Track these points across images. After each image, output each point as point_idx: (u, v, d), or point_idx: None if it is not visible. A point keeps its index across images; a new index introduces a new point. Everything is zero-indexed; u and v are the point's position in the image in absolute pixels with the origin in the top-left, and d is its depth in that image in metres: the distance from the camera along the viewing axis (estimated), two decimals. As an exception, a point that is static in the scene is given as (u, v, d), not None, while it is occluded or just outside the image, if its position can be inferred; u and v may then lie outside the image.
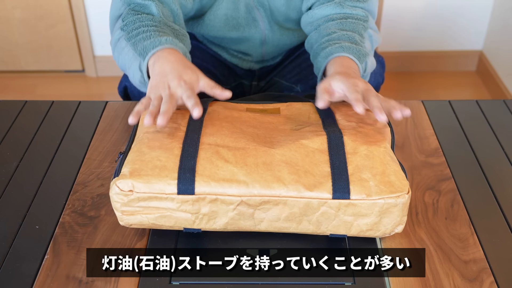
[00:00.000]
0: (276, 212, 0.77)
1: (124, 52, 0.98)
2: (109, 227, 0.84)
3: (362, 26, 1.05)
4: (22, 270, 0.77)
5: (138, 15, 1.01)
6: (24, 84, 2.46)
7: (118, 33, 1.02)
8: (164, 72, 0.87)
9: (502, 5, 2.27)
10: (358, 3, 1.06)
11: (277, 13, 1.15)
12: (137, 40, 0.96)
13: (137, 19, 1.00)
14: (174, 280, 0.75)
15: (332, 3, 1.07)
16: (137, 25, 0.99)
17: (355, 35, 1.02)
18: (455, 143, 1.03)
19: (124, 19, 1.02)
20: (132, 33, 0.98)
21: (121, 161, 0.80)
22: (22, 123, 1.09)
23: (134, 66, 0.95)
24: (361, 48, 0.99)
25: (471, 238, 0.82)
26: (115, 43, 1.03)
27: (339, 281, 0.75)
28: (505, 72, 2.25)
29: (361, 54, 0.98)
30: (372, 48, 1.08)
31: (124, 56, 0.99)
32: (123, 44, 0.99)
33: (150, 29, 0.97)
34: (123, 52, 0.99)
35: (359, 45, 1.00)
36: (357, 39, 1.01)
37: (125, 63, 0.99)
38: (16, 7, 2.33)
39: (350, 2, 1.06)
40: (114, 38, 1.04)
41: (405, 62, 2.50)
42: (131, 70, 0.97)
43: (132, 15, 1.01)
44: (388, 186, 0.76)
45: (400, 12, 2.36)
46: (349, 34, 1.02)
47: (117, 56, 1.02)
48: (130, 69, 0.97)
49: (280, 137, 0.83)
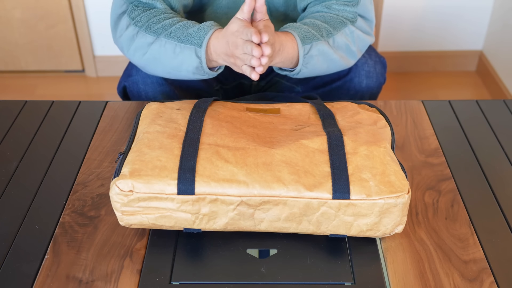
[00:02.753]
0: (276, 212, 0.77)
1: (155, 46, 1.02)
2: (109, 227, 0.84)
3: (341, 21, 1.07)
4: (22, 270, 0.77)
5: (148, 10, 1.04)
6: (24, 84, 2.46)
7: (131, 29, 1.03)
8: (226, 52, 0.95)
9: (502, 5, 2.27)
10: (346, 7, 1.08)
11: (276, 12, 1.16)
12: (173, 32, 1.01)
13: (149, 14, 1.04)
14: (174, 280, 0.75)
15: (321, 5, 1.10)
16: (155, 20, 1.03)
17: (321, 23, 1.05)
18: (455, 143, 1.03)
19: (133, 16, 1.04)
20: (155, 27, 1.03)
21: (121, 161, 0.80)
22: (22, 123, 1.09)
23: (186, 54, 1.00)
24: (313, 31, 1.03)
25: (471, 238, 0.82)
26: (130, 41, 1.05)
27: (339, 281, 0.75)
28: (505, 72, 2.25)
29: (308, 37, 1.01)
30: (354, 44, 1.09)
31: (155, 49, 1.03)
32: (147, 39, 1.03)
33: (174, 20, 1.03)
34: (152, 46, 1.03)
35: (316, 30, 1.03)
36: (319, 25, 1.04)
37: (159, 57, 1.03)
38: (16, 7, 2.33)
39: (338, 6, 1.08)
40: (126, 36, 1.06)
41: (405, 62, 2.50)
42: (178, 59, 1.01)
43: (140, 11, 1.05)
44: (388, 186, 0.76)
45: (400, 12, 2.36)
46: (316, 22, 1.05)
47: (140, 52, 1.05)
48: (176, 59, 1.01)
49: (280, 137, 0.83)
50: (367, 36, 1.11)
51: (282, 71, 1.06)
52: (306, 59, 1.02)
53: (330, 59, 1.06)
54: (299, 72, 1.04)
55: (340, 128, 0.85)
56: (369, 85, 1.19)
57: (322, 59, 1.04)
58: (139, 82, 1.16)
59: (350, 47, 1.08)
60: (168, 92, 1.16)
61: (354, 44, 1.09)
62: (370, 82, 1.18)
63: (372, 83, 1.19)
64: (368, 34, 1.12)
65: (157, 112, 0.89)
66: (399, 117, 1.09)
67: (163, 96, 1.16)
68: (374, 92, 1.21)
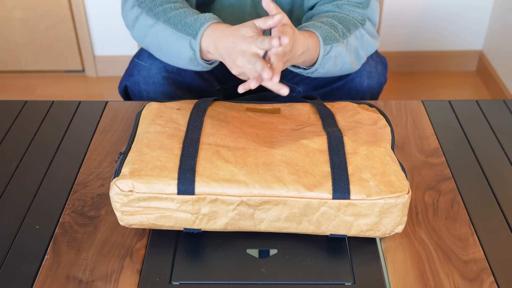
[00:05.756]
0: (276, 212, 0.77)
1: (154, 30, 1.01)
2: (109, 227, 0.84)
3: (354, 23, 1.06)
4: (22, 270, 0.77)
5: None
6: (24, 84, 2.46)
7: (135, 10, 1.03)
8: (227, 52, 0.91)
9: (502, 5, 2.27)
10: (357, 9, 1.07)
11: (282, 9, 1.16)
12: (171, 18, 0.99)
13: None
14: (174, 280, 0.75)
15: (331, 4, 1.08)
16: (158, 2, 1.02)
17: (338, 24, 1.03)
18: (455, 143, 1.03)
19: None
20: (156, 10, 1.01)
21: (121, 161, 0.80)
22: (22, 123, 1.09)
23: (181, 44, 0.98)
24: (334, 32, 1.01)
25: (471, 238, 0.82)
26: (134, 21, 1.05)
27: (339, 281, 0.75)
28: (505, 72, 2.25)
29: (329, 37, 1.00)
30: (363, 48, 1.08)
31: (154, 34, 1.02)
32: (148, 21, 1.02)
33: (177, 5, 1.01)
34: (151, 30, 1.02)
35: (335, 30, 1.02)
36: (336, 25, 1.03)
37: (157, 42, 1.02)
38: (16, 7, 2.33)
39: (349, 7, 1.07)
40: (131, 16, 1.05)
41: (405, 62, 2.50)
42: (174, 48, 1.00)
43: None
44: (388, 186, 0.76)
45: (400, 12, 2.36)
46: (333, 22, 1.03)
47: (141, 34, 1.04)
48: (171, 48, 1.00)
49: (280, 137, 0.83)
50: (375, 40, 1.11)
51: (296, 69, 1.05)
52: (325, 59, 1.01)
53: (344, 62, 1.05)
54: (314, 72, 1.03)
55: (340, 128, 0.85)
56: (370, 85, 1.19)
57: (338, 61, 1.04)
58: (141, 82, 1.16)
59: (359, 52, 1.07)
60: (170, 92, 1.16)
61: (363, 49, 1.08)
62: (371, 82, 1.18)
63: (374, 83, 1.19)
64: (375, 38, 1.11)
65: (157, 112, 0.89)
66: (399, 117, 1.09)
67: (164, 96, 1.16)
68: (375, 92, 1.21)
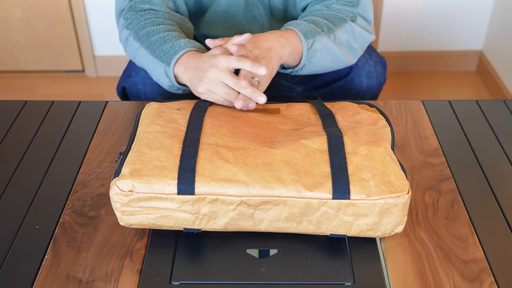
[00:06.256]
0: (276, 212, 0.77)
1: (140, 53, 1.04)
2: (109, 227, 0.84)
3: (341, 17, 1.07)
4: (22, 270, 0.77)
5: (140, 12, 1.04)
6: (24, 84, 2.46)
7: (125, 32, 1.05)
8: (195, 71, 0.93)
9: (502, 5, 2.27)
10: (346, 7, 1.08)
11: (276, 11, 1.16)
12: (152, 44, 1.01)
13: (140, 16, 1.03)
14: (174, 280, 0.75)
15: (320, 4, 1.10)
16: (143, 24, 1.03)
17: (322, 20, 1.05)
18: (455, 143, 1.03)
19: (127, 18, 1.05)
20: (141, 33, 1.03)
21: (121, 161, 0.80)
22: (22, 123, 1.09)
23: (158, 71, 1.00)
24: (314, 26, 1.02)
25: (471, 238, 0.82)
26: (125, 42, 1.08)
27: (339, 281, 0.75)
28: (505, 72, 2.25)
29: (310, 32, 1.01)
30: (355, 41, 1.09)
31: (140, 57, 1.04)
32: (135, 44, 1.04)
33: (160, 28, 1.02)
34: (138, 52, 1.04)
35: (316, 25, 1.03)
36: (319, 21, 1.04)
37: (144, 65, 1.05)
38: (16, 7, 2.33)
39: (337, 6, 1.08)
40: (122, 36, 1.09)
41: (405, 62, 2.50)
42: (155, 73, 1.02)
43: (133, 12, 1.05)
44: (388, 186, 0.76)
45: (400, 12, 2.36)
46: (316, 18, 1.05)
47: (132, 54, 1.07)
48: (154, 73, 1.02)
49: (280, 137, 0.83)
50: (368, 33, 1.11)
51: (284, 70, 1.06)
52: (310, 53, 1.02)
53: (333, 54, 1.05)
54: (302, 68, 1.04)
55: (340, 128, 0.85)
56: (369, 85, 1.19)
57: (325, 54, 1.04)
58: (138, 83, 1.16)
59: (351, 44, 1.08)
60: (167, 93, 1.16)
61: (356, 41, 1.09)
62: (370, 82, 1.18)
63: (373, 83, 1.19)
64: (369, 32, 1.12)
65: (157, 112, 0.89)
66: (399, 117, 1.09)
67: (162, 97, 1.16)
68: (375, 92, 1.21)
